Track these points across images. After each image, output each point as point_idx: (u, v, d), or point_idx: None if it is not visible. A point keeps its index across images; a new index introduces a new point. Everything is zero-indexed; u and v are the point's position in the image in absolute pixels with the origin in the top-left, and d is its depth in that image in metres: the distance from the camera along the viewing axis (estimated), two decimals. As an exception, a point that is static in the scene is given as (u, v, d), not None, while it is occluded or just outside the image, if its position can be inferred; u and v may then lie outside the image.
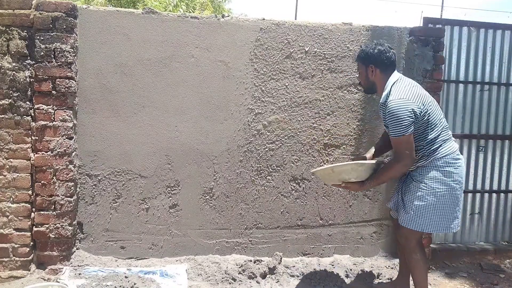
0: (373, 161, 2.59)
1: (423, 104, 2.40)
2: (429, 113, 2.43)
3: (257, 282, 2.92)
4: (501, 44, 3.64)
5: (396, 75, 2.53)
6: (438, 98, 3.31)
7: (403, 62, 3.32)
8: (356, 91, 3.29)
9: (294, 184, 3.28)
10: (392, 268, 3.22)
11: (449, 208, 2.48)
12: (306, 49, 3.20)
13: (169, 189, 3.15)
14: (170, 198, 3.16)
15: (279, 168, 3.26)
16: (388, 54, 2.52)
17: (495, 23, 3.67)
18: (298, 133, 3.25)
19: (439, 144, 2.46)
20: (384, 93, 2.48)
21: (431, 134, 2.45)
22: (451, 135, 2.56)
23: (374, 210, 3.40)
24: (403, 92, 2.40)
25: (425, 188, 2.46)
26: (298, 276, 3.03)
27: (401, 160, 2.40)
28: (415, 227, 2.49)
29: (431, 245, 3.44)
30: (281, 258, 3.14)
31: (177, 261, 3.13)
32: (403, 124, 2.34)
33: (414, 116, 2.35)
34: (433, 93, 3.27)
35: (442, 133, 2.48)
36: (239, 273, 2.98)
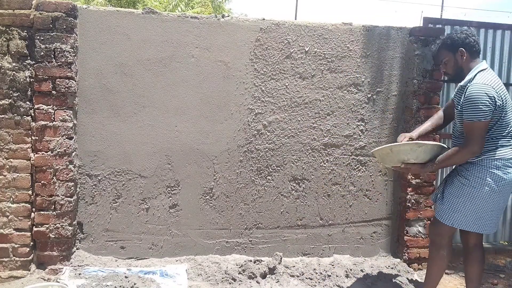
0: (434, 143, 2.52)
1: (503, 99, 2.35)
2: (505, 111, 2.37)
3: (257, 282, 2.92)
4: (501, 44, 3.64)
5: (484, 64, 2.47)
6: (438, 98, 3.31)
7: (403, 62, 3.32)
8: (356, 91, 3.29)
9: (294, 184, 3.28)
10: (392, 268, 3.22)
11: (487, 211, 2.42)
12: (306, 49, 3.20)
13: (169, 189, 3.15)
14: (170, 198, 3.16)
15: (279, 168, 3.26)
16: (474, 38, 2.48)
17: (495, 23, 3.68)
18: (298, 133, 3.25)
19: (499, 146, 2.40)
20: (468, 77, 2.44)
21: (496, 133, 2.39)
22: None
23: (374, 210, 3.40)
24: (489, 79, 2.35)
25: (468, 185, 2.42)
26: (298, 276, 3.03)
27: (470, 146, 2.33)
28: (449, 222, 2.46)
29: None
30: (281, 258, 3.14)
31: (177, 261, 3.13)
32: (482, 109, 2.28)
33: (494, 105, 2.29)
34: (433, 93, 3.28)
35: (507, 137, 2.42)
36: (239, 273, 2.98)
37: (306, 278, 3.01)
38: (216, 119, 3.16)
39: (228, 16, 3.19)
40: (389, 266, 3.24)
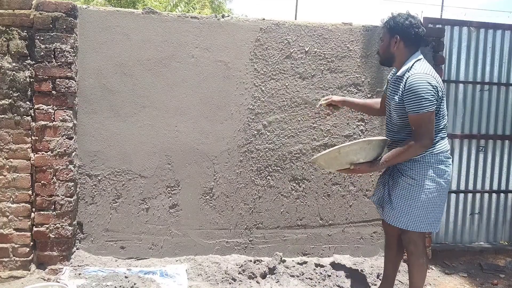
0: (382, 138, 2.44)
1: (442, 91, 2.30)
2: (443, 103, 2.33)
3: (257, 282, 2.92)
4: (501, 44, 3.64)
5: (420, 55, 2.40)
6: (438, 98, 3.31)
7: (403, 62, 3.32)
8: (356, 91, 3.29)
9: (294, 184, 3.28)
10: (392, 268, 3.22)
11: (438, 207, 2.40)
12: (306, 49, 3.20)
13: (169, 189, 3.15)
14: (170, 198, 3.16)
15: (279, 168, 3.26)
16: (418, 30, 2.35)
17: (495, 23, 3.68)
18: (298, 133, 3.25)
19: (438, 139, 2.36)
20: (404, 68, 2.35)
21: (435, 127, 2.32)
22: (447, 135, 2.48)
23: (374, 210, 3.39)
24: (428, 69, 2.29)
25: (415, 185, 2.35)
26: (298, 276, 3.03)
27: (421, 140, 2.24)
28: (415, 229, 2.38)
29: (432, 245, 3.44)
30: (281, 258, 3.14)
31: (177, 261, 3.13)
32: (427, 98, 2.19)
33: (436, 95, 2.23)
34: (433, 93, 3.28)
35: (443, 130, 2.40)
36: (239, 273, 2.98)
37: (306, 278, 3.01)
38: (216, 119, 3.16)
39: (228, 16, 3.19)
40: (389, 266, 3.24)
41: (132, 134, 3.08)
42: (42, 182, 2.87)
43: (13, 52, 2.79)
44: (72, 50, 2.86)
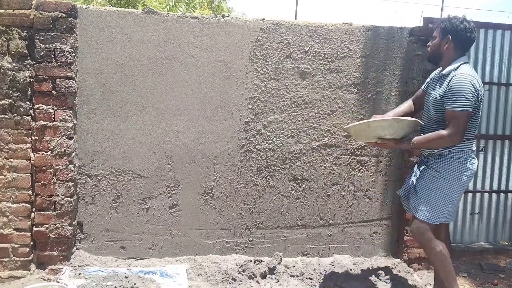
0: (412, 119, 2.50)
1: (482, 95, 2.40)
2: (478, 109, 2.42)
3: (257, 282, 2.92)
4: (501, 44, 3.64)
5: (467, 59, 2.50)
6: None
7: (403, 62, 3.32)
8: (356, 91, 3.29)
9: (294, 184, 3.28)
10: (392, 268, 3.22)
11: (455, 202, 2.50)
12: (306, 49, 3.20)
13: (169, 189, 3.15)
14: (170, 198, 3.16)
15: (279, 168, 3.26)
16: (470, 35, 2.47)
17: (495, 23, 3.68)
18: (298, 133, 3.25)
19: (466, 139, 2.44)
20: (450, 67, 2.46)
21: (469, 126, 2.42)
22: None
23: (374, 210, 3.40)
24: (474, 73, 2.39)
25: (439, 178, 2.45)
26: (298, 276, 3.03)
27: (453, 136, 2.33)
28: (431, 220, 2.45)
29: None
30: (281, 258, 3.14)
31: (177, 261, 3.13)
32: (467, 98, 2.30)
33: (476, 98, 2.33)
34: (433, 93, 3.28)
35: (473, 131, 2.48)
36: (239, 273, 2.98)
37: (306, 278, 3.01)
38: (216, 119, 3.16)
39: (228, 16, 3.19)
40: (389, 266, 3.24)
41: (132, 134, 3.08)
42: (42, 182, 2.87)
43: (13, 52, 2.79)
44: (72, 50, 2.86)
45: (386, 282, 3.04)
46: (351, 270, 3.12)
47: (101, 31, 2.98)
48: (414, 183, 2.59)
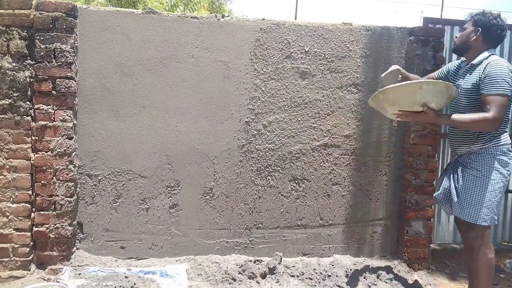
0: (456, 89, 2.42)
1: None
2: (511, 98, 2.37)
3: (257, 282, 2.92)
4: (501, 44, 3.63)
5: (495, 52, 2.50)
6: (438, 98, 3.31)
7: (403, 62, 3.32)
8: (356, 91, 3.29)
9: (294, 184, 3.28)
10: (392, 268, 3.21)
11: (501, 199, 2.43)
12: (306, 49, 3.20)
13: (169, 189, 3.15)
14: (170, 198, 3.16)
15: (279, 168, 3.26)
16: (501, 32, 2.48)
17: (495, 23, 3.67)
18: (298, 133, 3.25)
19: (502, 132, 2.40)
20: (480, 57, 2.45)
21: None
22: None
23: (374, 210, 3.40)
24: (505, 62, 2.39)
25: (481, 177, 2.37)
26: (298, 276, 3.03)
27: (496, 118, 2.25)
28: (487, 222, 2.38)
29: (432, 245, 3.44)
30: (281, 258, 3.14)
31: (177, 261, 3.13)
32: (506, 81, 2.27)
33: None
34: (433, 93, 3.28)
35: (507, 123, 2.44)
36: (239, 273, 2.98)
37: (306, 278, 3.01)
38: (216, 119, 3.16)
39: (228, 16, 3.19)
40: (389, 266, 3.24)
41: (132, 134, 3.08)
42: (42, 182, 2.87)
43: (13, 52, 2.79)
44: (72, 50, 2.86)
45: (386, 282, 3.04)
46: (351, 270, 3.12)
47: (101, 31, 2.98)
48: (455, 185, 2.49)
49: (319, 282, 2.98)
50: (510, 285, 3.21)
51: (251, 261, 3.08)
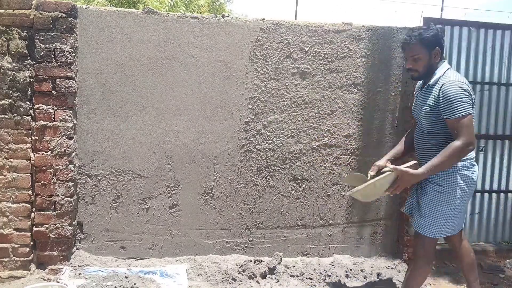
0: (412, 163, 2.38)
1: (473, 100, 2.33)
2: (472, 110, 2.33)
3: (257, 282, 2.92)
4: (501, 44, 3.63)
5: (447, 64, 2.45)
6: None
7: (403, 62, 3.32)
8: (356, 91, 3.29)
9: (294, 184, 3.28)
10: (392, 268, 3.22)
11: (462, 212, 2.45)
12: (306, 49, 3.20)
13: (169, 189, 3.15)
14: (170, 198, 3.16)
15: (279, 168, 3.26)
16: (444, 37, 2.45)
17: (495, 23, 3.67)
18: (298, 133, 3.25)
19: None
20: (436, 76, 2.37)
21: None
22: None
23: (374, 210, 3.40)
24: (460, 77, 2.33)
25: (443, 192, 2.36)
26: (298, 276, 3.03)
27: (467, 142, 2.21)
28: (434, 234, 2.39)
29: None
30: (281, 258, 3.14)
31: (177, 261, 3.13)
32: (466, 102, 2.22)
33: (471, 101, 2.26)
34: (433, 93, 3.28)
35: None
36: (239, 273, 2.98)
37: (306, 278, 3.01)
38: (216, 119, 3.16)
39: (228, 16, 3.19)
40: (389, 266, 3.25)
41: (132, 134, 3.08)
42: (42, 182, 2.87)
43: (13, 52, 2.79)
44: (72, 50, 2.86)
45: (386, 282, 3.04)
46: (351, 270, 3.12)
47: (101, 31, 2.98)
48: (418, 199, 2.48)
49: (319, 282, 2.98)
50: (510, 285, 3.21)
51: (251, 261, 3.08)
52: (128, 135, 3.08)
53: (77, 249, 3.07)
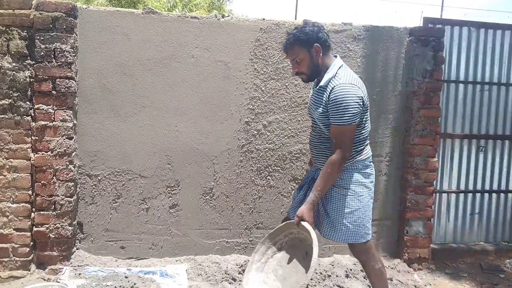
0: (315, 258, 2.04)
1: (367, 99, 2.20)
2: (366, 112, 2.22)
3: (257, 282, 2.92)
4: (501, 44, 3.64)
5: (340, 60, 2.26)
6: (438, 98, 3.31)
7: (403, 62, 3.33)
8: (356, 91, 3.28)
9: (294, 184, 3.28)
10: (392, 268, 3.22)
11: (369, 212, 2.31)
12: (306, 49, 3.20)
13: (169, 189, 3.15)
14: (170, 198, 3.16)
15: (279, 168, 3.26)
16: (325, 32, 2.26)
17: (495, 23, 3.67)
18: (298, 133, 3.25)
19: (365, 145, 2.27)
20: (327, 76, 2.19)
21: (362, 133, 2.24)
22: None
23: (374, 210, 3.38)
24: (353, 78, 2.15)
25: (351, 194, 2.23)
26: (298, 276, 3.02)
27: (341, 153, 2.11)
28: (364, 239, 2.26)
29: (432, 245, 3.44)
30: (281, 258, 3.14)
31: (177, 261, 3.13)
32: (352, 111, 2.07)
33: (362, 106, 2.13)
34: (433, 93, 3.28)
35: (367, 137, 2.29)
36: (239, 273, 2.97)
37: (306, 278, 3.00)
38: (216, 119, 3.16)
39: (228, 16, 3.19)
40: (389, 266, 3.24)
41: (132, 134, 3.08)
42: (42, 182, 2.87)
43: (13, 52, 2.79)
44: (72, 50, 2.86)
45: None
46: (351, 270, 3.12)
47: (101, 31, 2.98)
48: (324, 206, 2.29)
49: (319, 282, 2.98)
50: (510, 285, 3.21)
51: (251, 261, 3.08)
52: (128, 135, 3.08)
53: (77, 249, 3.07)
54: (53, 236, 2.90)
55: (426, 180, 3.29)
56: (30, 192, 2.87)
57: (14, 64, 2.80)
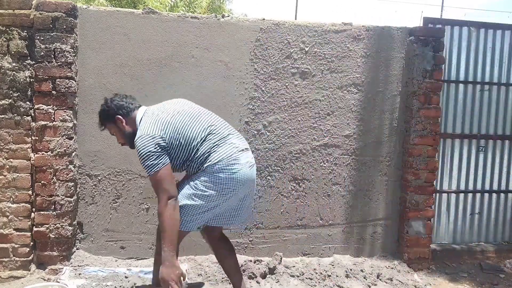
0: None
1: (173, 131, 2.23)
2: (185, 133, 2.25)
3: (257, 282, 2.92)
4: (501, 44, 3.64)
5: (141, 110, 2.36)
6: (438, 98, 3.31)
7: (403, 62, 3.33)
8: (356, 91, 3.29)
9: (294, 184, 3.28)
10: (392, 268, 3.22)
11: (209, 215, 2.31)
12: (306, 49, 3.20)
13: (169, 189, 3.14)
14: (170, 198, 3.15)
15: (279, 168, 3.26)
16: (123, 98, 2.38)
17: (495, 23, 3.67)
18: (298, 133, 3.25)
19: (209, 153, 2.27)
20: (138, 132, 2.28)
21: (198, 149, 2.26)
22: (231, 137, 2.35)
23: (374, 210, 3.40)
24: (148, 126, 2.22)
25: (195, 189, 2.25)
26: (298, 276, 3.03)
27: (165, 196, 2.15)
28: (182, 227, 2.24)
29: (432, 245, 3.44)
30: (281, 258, 3.14)
31: (177, 261, 3.12)
32: (151, 162, 2.15)
33: (163, 148, 2.19)
34: (433, 93, 3.28)
35: (212, 141, 2.29)
36: (239, 273, 2.97)
37: (306, 278, 3.01)
38: (216, 119, 3.15)
39: (228, 16, 3.20)
40: (389, 266, 3.25)
41: (132, 134, 3.08)
42: (42, 182, 2.87)
43: (13, 52, 2.79)
44: (72, 50, 2.86)
45: (386, 282, 3.04)
46: (351, 270, 3.12)
47: (101, 31, 2.98)
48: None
49: (319, 282, 2.98)
50: (510, 285, 3.21)
51: (251, 261, 3.08)
52: (128, 135, 3.07)
53: (77, 249, 3.07)
54: (53, 236, 2.90)
55: (426, 180, 3.29)
56: (30, 192, 2.87)
57: (14, 64, 2.80)
